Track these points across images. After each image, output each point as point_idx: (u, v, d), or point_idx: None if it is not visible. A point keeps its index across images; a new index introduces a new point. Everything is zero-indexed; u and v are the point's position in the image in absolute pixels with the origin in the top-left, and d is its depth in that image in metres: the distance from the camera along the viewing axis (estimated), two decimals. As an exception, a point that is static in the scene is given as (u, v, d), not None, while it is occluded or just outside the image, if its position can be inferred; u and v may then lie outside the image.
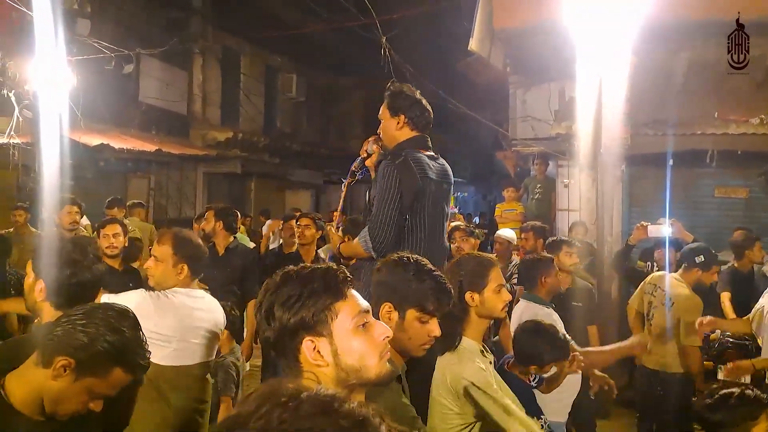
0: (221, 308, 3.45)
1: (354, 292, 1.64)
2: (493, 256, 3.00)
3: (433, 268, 2.30)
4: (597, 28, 6.50)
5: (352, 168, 3.63)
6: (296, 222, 5.96)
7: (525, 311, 4.05)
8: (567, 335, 3.36)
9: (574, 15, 6.51)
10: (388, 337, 1.63)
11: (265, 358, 6.19)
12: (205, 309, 3.28)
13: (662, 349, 5.04)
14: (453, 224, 7.16)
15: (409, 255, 2.33)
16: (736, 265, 6.33)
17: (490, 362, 2.76)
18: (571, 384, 3.87)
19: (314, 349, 1.55)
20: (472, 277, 2.70)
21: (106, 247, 4.91)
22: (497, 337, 4.98)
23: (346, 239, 3.84)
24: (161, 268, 3.20)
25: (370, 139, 3.62)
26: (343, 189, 3.73)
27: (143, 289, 3.19)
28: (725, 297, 6.17)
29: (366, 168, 3.65)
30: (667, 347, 5.01)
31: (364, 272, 3.30)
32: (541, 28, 7.44)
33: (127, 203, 8.89)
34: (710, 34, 6.86)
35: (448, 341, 2.56)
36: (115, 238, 4.99)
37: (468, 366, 2.54)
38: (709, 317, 4.82)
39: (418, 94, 3.49)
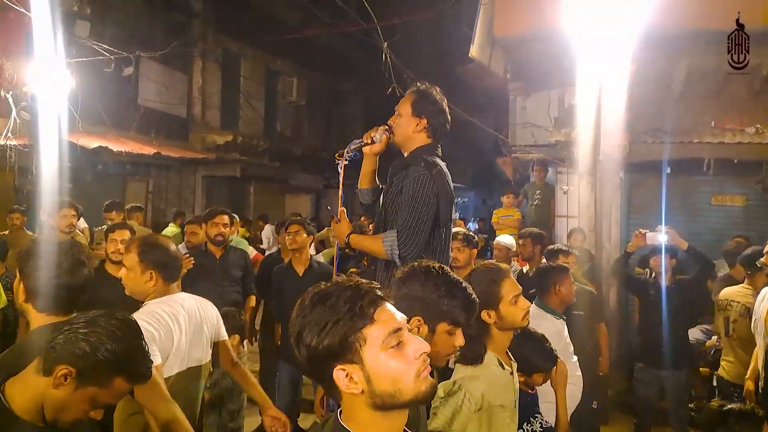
0: (208, 307, 3.36)
1: (387, 307, 1.54)
2: (504, 265, 2.96)
3: (460, 279, 2.28)
4: (597, 36, 6.52)
5: (348, 150, 3.39)
6: (285, 229, 5.97)
7: (535, 317, 4.00)
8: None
9: (574, 23, 6.52)
10: (425, 352, 1.54)
11: (263, 363, 6.19)
12: (188, 314, 3.20)
13: (747, 362, 4.97)
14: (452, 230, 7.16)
15: (435, 265, 2.28)
16: (731, 273, 6.33)
17: (511, 372, 2.75)
18: (571, 396, 3.85)
19: (347, 376, 1.49)
20: (485, 295, 2.63)
21: (112, 252, 4.75)
22: None
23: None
24: (131, 277, 3.11)
25: (380, 127, 3.42)
26: (341, 172, 3.42)
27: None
28: None
29: (358, 152, 3.45)
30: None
31: (378, 275, 3.28)
32: (542, 35, 7.44)
33: (126, 207, 8.87)
34: (709, 43, 6.86)
35: (470, 359, 2.61)
36: (123, 244, 4.69)
37: (474, 384, 2.56)
38: None
39: (445, 103, 3.41)
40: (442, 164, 3.33)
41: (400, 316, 1.55)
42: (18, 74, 8.06)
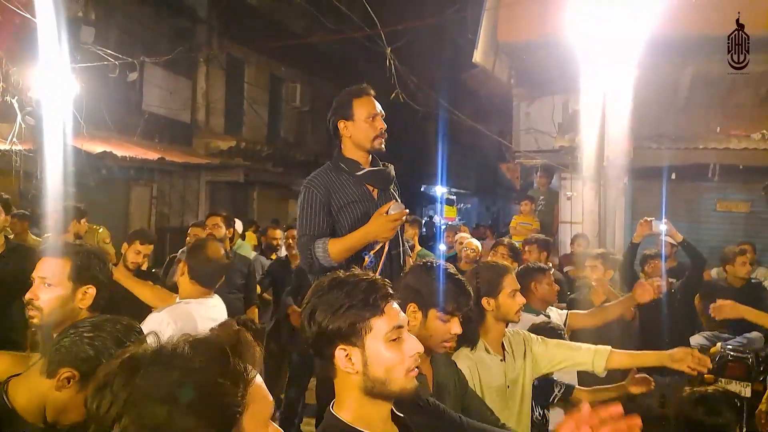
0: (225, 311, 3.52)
1: (394, 305, 1.71)
2: (507, 263, 3.20)
3: (454, 273, 2.47)
4: (601, 43, 6.51)
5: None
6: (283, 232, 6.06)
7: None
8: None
9: (579, 29, 6.52)
10: (418, 352, 1.71)
11: (267, 366, 6.17)
12: (216, 318, 3.34)
13: None
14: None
15: (434, 261, 2.53)
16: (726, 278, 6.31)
17: (502, 359, 2.94)
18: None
19: (346, 356, 1.65)
20: (488, 284, 2.94)
21: (131, 262, 4.87)
22: None
23: None
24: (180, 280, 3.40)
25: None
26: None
27: (159, 311, 3.23)
28: None
29: None
30: None
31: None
32: (545, 41, 7.45)
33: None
34: (714, 49, 6.85)
35: (466, 341, 2.84)
36: (145, 259, 5.00)
37: (462, 362, 2.77)
38: (730, 301, 4.27)
39: None
40: None
41: (403, 316, 1.73)
42: (23, 79, 8.07)
